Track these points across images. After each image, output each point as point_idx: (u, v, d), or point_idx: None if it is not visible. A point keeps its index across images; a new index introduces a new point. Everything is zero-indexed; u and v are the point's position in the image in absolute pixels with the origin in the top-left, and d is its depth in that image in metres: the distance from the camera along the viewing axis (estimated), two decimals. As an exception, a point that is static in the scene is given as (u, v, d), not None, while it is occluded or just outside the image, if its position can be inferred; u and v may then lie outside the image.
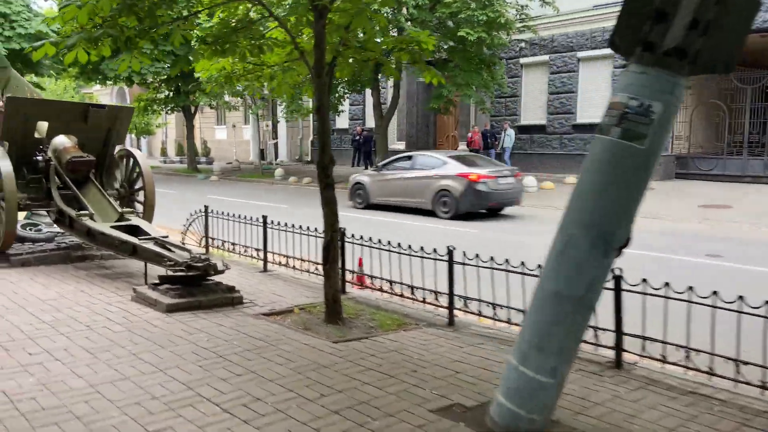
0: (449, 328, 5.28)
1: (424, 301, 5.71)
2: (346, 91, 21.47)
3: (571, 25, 21.29)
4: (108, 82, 30.44)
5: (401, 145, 27.93)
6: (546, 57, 21.83)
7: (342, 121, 30.74)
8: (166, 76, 29.75)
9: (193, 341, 4.72)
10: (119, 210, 7.56)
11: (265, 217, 7.64)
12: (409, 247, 5.80)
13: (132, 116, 8.56)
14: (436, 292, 5.54)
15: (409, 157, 15.36)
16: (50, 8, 26.31)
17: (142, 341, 4.70)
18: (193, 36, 5.34)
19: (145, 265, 6.74)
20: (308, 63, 5.32)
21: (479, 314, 5.31)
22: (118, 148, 8.72)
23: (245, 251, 8.10)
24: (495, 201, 13.74)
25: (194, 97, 29.10)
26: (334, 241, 5.41)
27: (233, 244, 8.27)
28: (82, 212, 7.28)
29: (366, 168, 26.56)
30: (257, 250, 7.86)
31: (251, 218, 7.82)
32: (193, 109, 31.89)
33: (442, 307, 5.50)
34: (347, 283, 6.48)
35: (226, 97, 27.69)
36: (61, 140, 8.12)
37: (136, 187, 8.65)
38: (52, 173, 7.84)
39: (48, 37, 24.42)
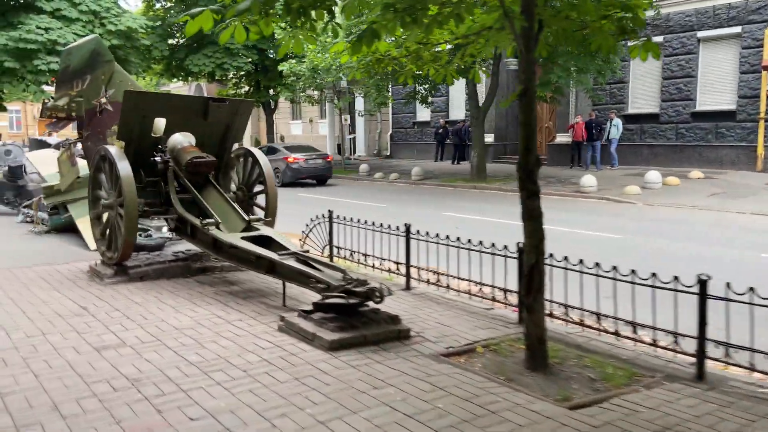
0: (700, 383, 4.01)
1: (654, 344, 4.44)
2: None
3: (688, 2, 19.21)
4: (189, 78, 30.49)
5: (489, 138, 26.47)
6: (660, 38, 19.80)
7: (422, 114, 29.54)
8: (245, 71, 29.51)
9: (386, 401, 3.66)
10: (246, 217, 6.68)
11: (408, 227, 6.55)
12: (624, 270, 4.54)
13: (251, 111, 7.69)
14: (675, 334, 4.26)
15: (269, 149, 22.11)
16: (139, 7, 26.30)
17: (322, 400, 3.68)
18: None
19: (284, 285, 5.80)
20: (516, 31, 4.15)
21: (750, 368, 3.98)
22: (235, 146, 7.87)
23: (380, 264, 7.06)
24: (305, 175, 21.57)
25: (276, 91, 28.63)
26: (539, 265, 4.24)
27: (365, 255, 7.24)
28: (207, 221, 6.43)
29: (456, 163, 25.28)
30: (397, 263, 6.80)
31: (389, 227, 6.76)
32: (273, 104, 31.52)
33: (684, 354, 4.22)
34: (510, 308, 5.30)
35: (309, 91, 26.99)
36: (179, 139, 7.33)
37: (256, 190, 7.77)
38: (170, 176, 7.05)
39: (137, 33, 24.44)
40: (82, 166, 10.58)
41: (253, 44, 27.23)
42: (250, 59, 27.28)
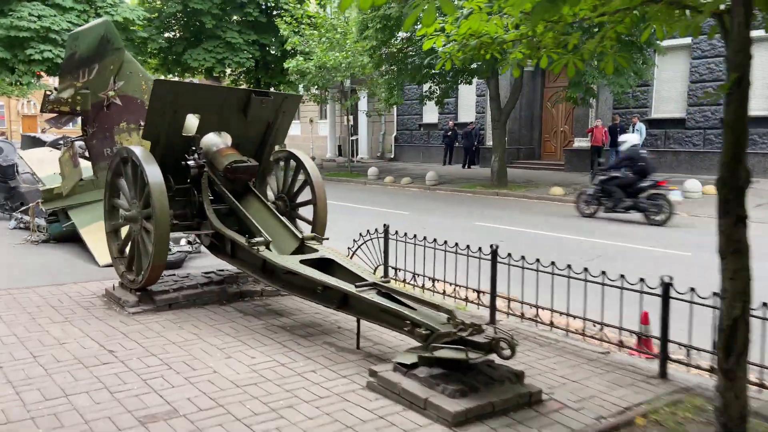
0: None
1: None
2: (457, 79, 19.05)
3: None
4: (186, 74, 29.15)
5: (502, 141, 25.49)
6: (687, 39, 18.93)
7: (429, 115, 28.49)
8: (246, 67, 28.28)
9: None
10: (299, 235, 5.54)
11: (494, 250, 5.45)
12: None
13: (297, 107, 6.54)
14: None
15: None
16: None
17: None
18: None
19: (358, 324, 4.68)
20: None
21: None
22: (275, 148, 6.72)
23: (454, 291, 5.96)
24: None
25: (279, 89, 27.38)
26: (745, 317, 3.17)
27: (433, 279, 6.13)
28: (256, 240, 5.27)
29: (467, 167, 24.26)
30: (477, 291, 5.70)
31: (467, 248, 5.67)
32: (273, 102, 30.26)
33: None
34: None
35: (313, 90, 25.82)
36: (213, 139, 6.18)
37: (300, 200, 6.62)
38: (204, 183, 5.90)
39: (134, 24, 23.10)
40: (85, 167, 9.37)
41: (255, 39, 26.06)
42: (251, 55, 26.04)
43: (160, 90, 5.55)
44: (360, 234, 6.69)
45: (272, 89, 29.13)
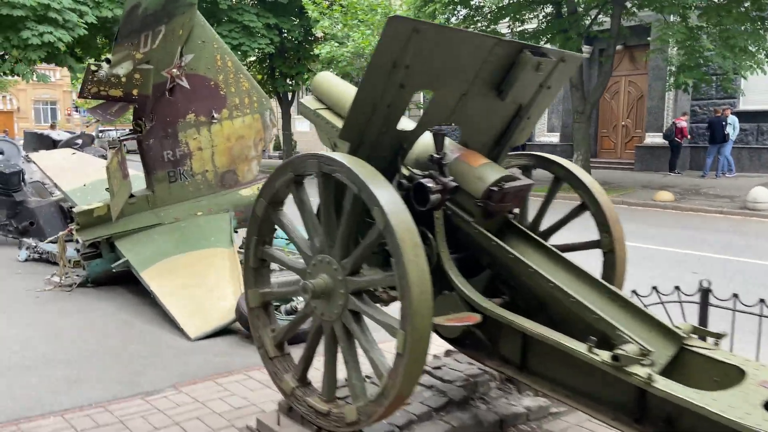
0: None
1: None
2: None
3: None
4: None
5: (554, 138, 22.97)
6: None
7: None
8: (257, 57, 25.40)
9: None
10: (675, 329, 2.78)
11: None
12: None
13: (568, 78, 3.78)
14: None
15: None
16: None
17: None
18: None
19: None
20: None
21: None
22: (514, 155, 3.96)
23: None
24: None
25: (304, 79, 24.47)
26: None
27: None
28: (625, 350, 2.51)
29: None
30: None
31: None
32: (290, 95, 27.32)
33: None
34: None
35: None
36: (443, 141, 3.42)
37: (557, 239, 3.87)
38: (440, 222, 3.13)
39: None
40: (134, 179, 6.60)
41: (275, 23, 23.18)
42: (270, 40, 23.12)
43: (397, 32, 2.73)
44: (655, 289, 3.94)
45: (288, 81, 26.26)
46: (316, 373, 3.09)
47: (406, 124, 3.30)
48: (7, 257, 7.75)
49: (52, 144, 10.97)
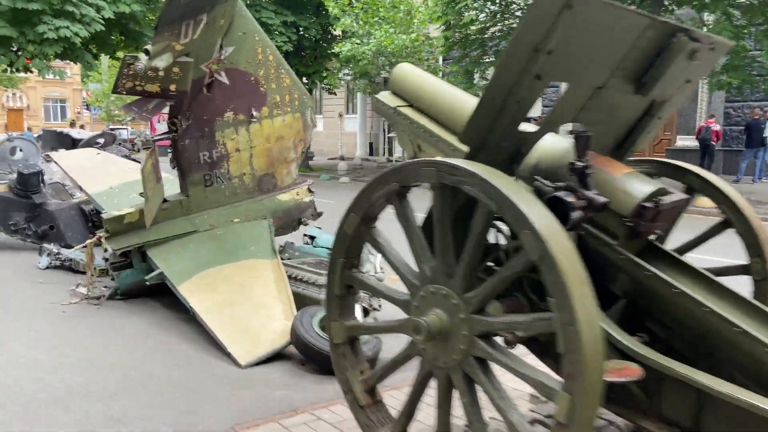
0: None
1: None
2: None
3: None
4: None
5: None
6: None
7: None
8: (287, 50, 24.83)
9: None
10: None
11: None
12: None
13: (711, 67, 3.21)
14: None
15: None
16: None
17: None
18: None
19: None
20: None
21: None
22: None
23: None
24: None
25: (322, 77, 23.92)
26: None
27: None
28: None
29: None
30: None
31: None
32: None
33: None
34: None
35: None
36: (558, 144, 2.86)
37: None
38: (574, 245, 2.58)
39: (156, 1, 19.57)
40: (167, 182, 6.08)
41: (293, 20, 22.65)
42: (288, 38, 22.59)
43: (546, 8, 2.13)
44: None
45: (305, 80, 25.72)
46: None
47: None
48: (27, 264, 7.23)
49: (72, 143, 10.46)
